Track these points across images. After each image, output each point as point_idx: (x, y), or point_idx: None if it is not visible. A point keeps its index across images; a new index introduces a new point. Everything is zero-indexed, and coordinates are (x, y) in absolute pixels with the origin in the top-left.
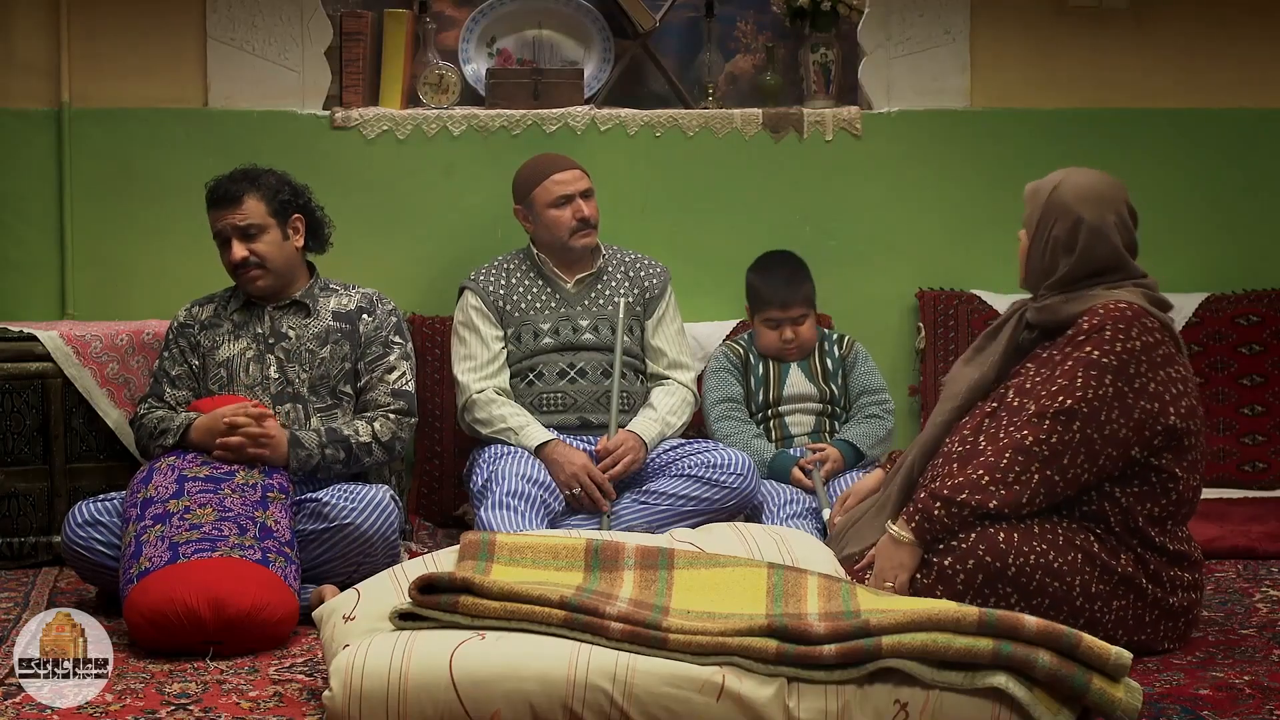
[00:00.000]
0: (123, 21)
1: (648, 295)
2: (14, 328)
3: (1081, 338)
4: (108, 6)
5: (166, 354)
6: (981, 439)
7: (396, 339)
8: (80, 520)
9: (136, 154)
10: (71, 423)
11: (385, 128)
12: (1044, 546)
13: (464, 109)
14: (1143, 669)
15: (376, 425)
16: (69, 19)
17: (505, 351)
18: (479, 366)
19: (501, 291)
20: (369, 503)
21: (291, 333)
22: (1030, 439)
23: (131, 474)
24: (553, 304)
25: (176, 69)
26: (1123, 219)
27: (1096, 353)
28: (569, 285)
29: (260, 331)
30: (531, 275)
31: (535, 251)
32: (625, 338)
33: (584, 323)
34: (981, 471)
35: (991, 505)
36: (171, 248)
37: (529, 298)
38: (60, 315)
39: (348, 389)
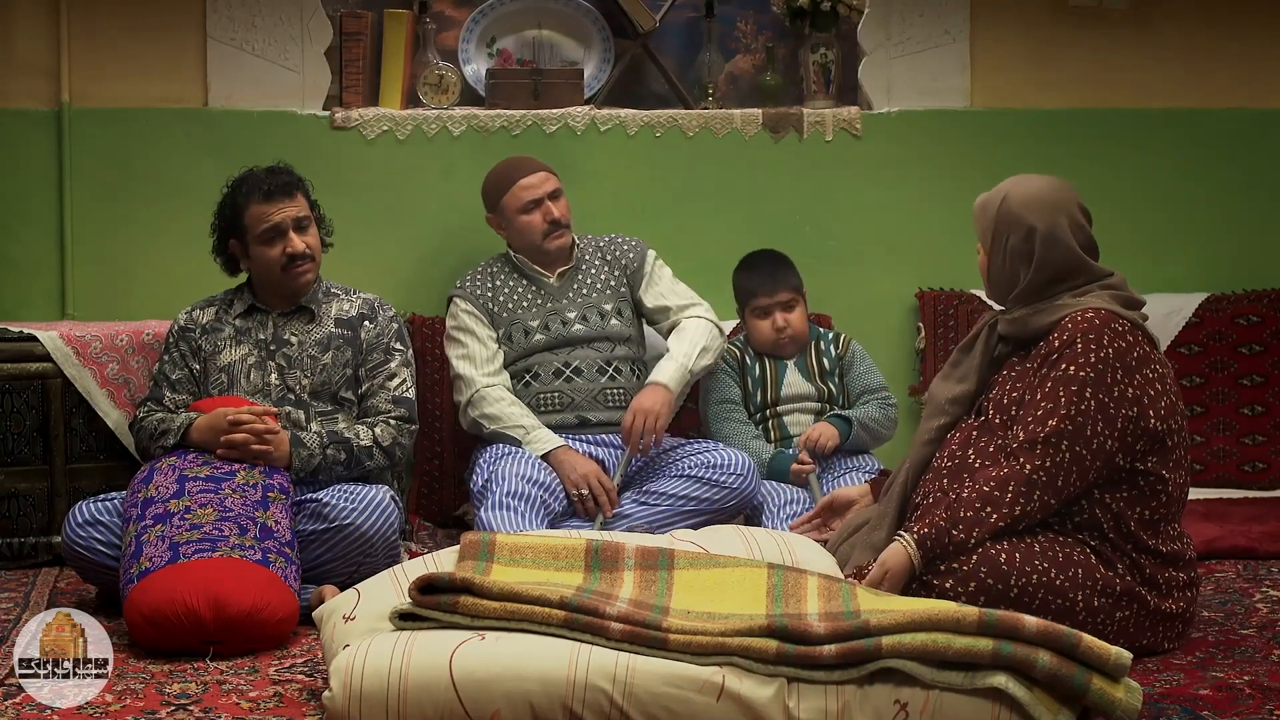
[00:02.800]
0: (123, 21)
1: (629, 270)
2: (14, 328)
3: (1055, 356)
4: (108, 6)
5: (166, 357)
6: (970, 451)
7: (397, 346)
8: (80, 520)
9: (137, 154)
10: (71, 423)
11: (385, 128)
12: (1044, 565)
13: (464, 109)
14: (1142, 669)
15: (378, 430)
16: (69, 19)
17: (501, 352)
18: (483, 363)
19: (489, 294)
20: (369, 503)
21: (294, 339)
22: (1028, 467)
23: (131, 474)
24: (539, 300)
25: (177, 69)
26: (1075, 220)
27: (1072, 368)
28: (551, 280)
29: (262, 338)
30: (515, 276)
31: (514, 255)
32: (615, 321)
33: (571, 314)
34: (988, 507)
35: (991, 534)
36: (171, 247)
37: (515, 297)
38: (60, 315)
39: (349, 394)
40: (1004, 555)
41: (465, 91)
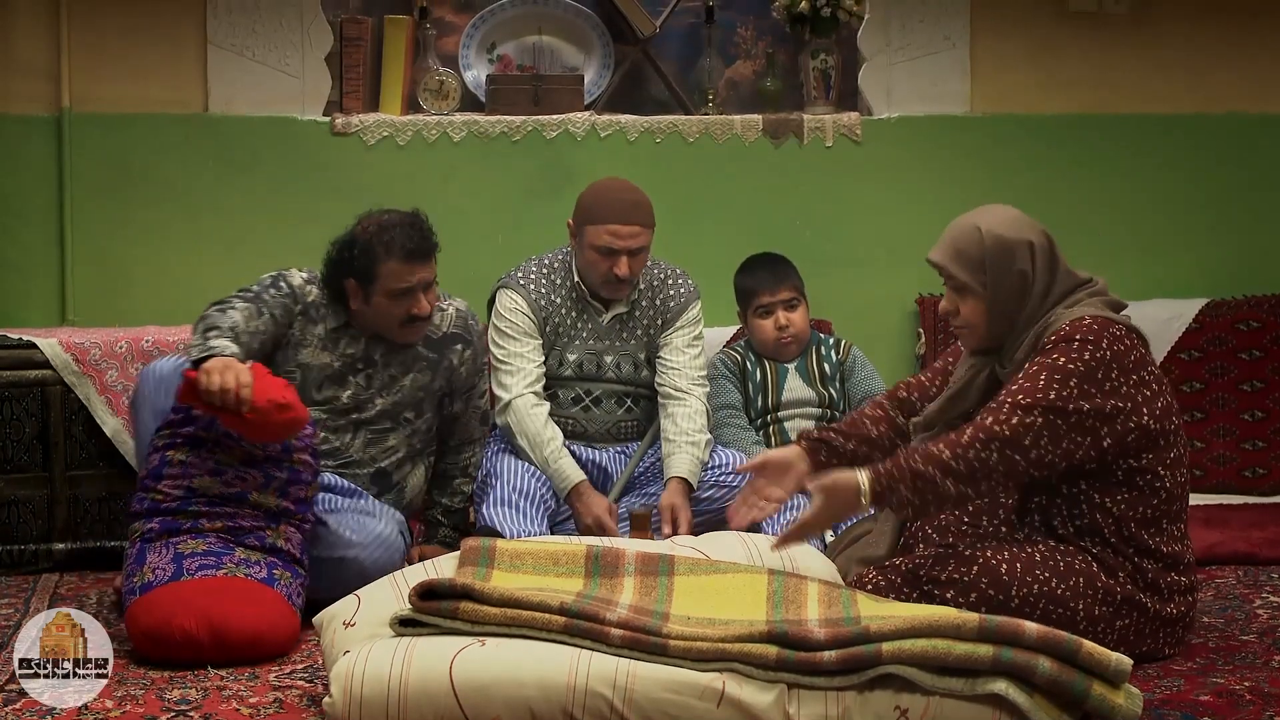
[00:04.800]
0: (123, 26)
1: (665, 318)
2: (14, 335)
3: (1049, 346)
4: (108, 11)
5: (265, 297)
6: None
7: (483, 361)
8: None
9: (137, 158)
10: (71, 430)
11: (385, 133)
12: (1045, 574)
13: (464, 115)
14: (1143, 675)
15: (472, 467)
16: (70, 23)
17: (544, 364)
18: (535, 368)
19: (543, 304)
20: (376, 538)
21: (380, 359)
22: (990, 420)
23: (131, 482)
24: (584, 334)
25: (177, 74)
26: (1043, 231)
27: (1063, 359)
28: (604, 318)
29: (351, 352)
30: (572, 298)
31: (575, 277)
32: (646, 373)
33: (608, 359)
34: (943, 447)
35: (950, 481)
36: (172, 252)
37: (566, 323)
38: (60, 319)
39: (410, 415)
40: (1004, 565)
41: (465, 97)
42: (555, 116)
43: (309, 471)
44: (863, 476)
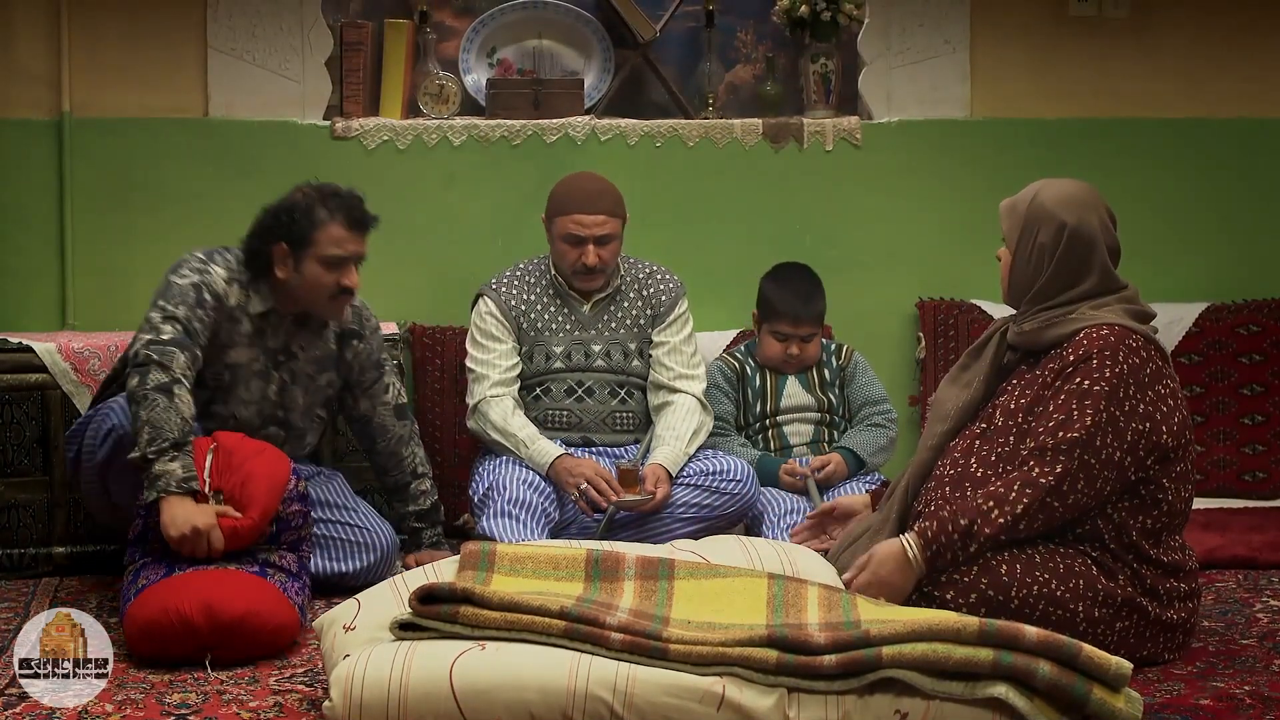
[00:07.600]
0: (124, 31)
1: (657, 312)
2: (13, 339)
3: (1069, 369)
4: (109, 16)
5: (194, 324)
6: (973, 460)
7: (384, 355)
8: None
9: (137, 163)
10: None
11: (386, 138)
12: (1045, 576)
13: (464, 119)
14: (1143, 679)
15: (419, 465)
16: (70, 29)
17: (519, 364)
18: (499, 373)
19: (521, 308)
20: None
21: (300, 354)
22: (1036, 471)
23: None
24: (567, 326)
25: (177, 79)
26: (1104, 222)
27: (1087, 382)
28: (585, 307)
29: (272, 346)
30: (550, 293)
31: (553, 271)
32: (636, 362)
33: (596, 347)
34: (992, 504)
35: (995, 534)
36: (172, 257)
37: (545, 317)
38: (61, 324)
39: (323, 413)
40: (1004, 566)
41: (466, 101)
42: (555, 121)
43: (299, 517)
44: (911, 544)
